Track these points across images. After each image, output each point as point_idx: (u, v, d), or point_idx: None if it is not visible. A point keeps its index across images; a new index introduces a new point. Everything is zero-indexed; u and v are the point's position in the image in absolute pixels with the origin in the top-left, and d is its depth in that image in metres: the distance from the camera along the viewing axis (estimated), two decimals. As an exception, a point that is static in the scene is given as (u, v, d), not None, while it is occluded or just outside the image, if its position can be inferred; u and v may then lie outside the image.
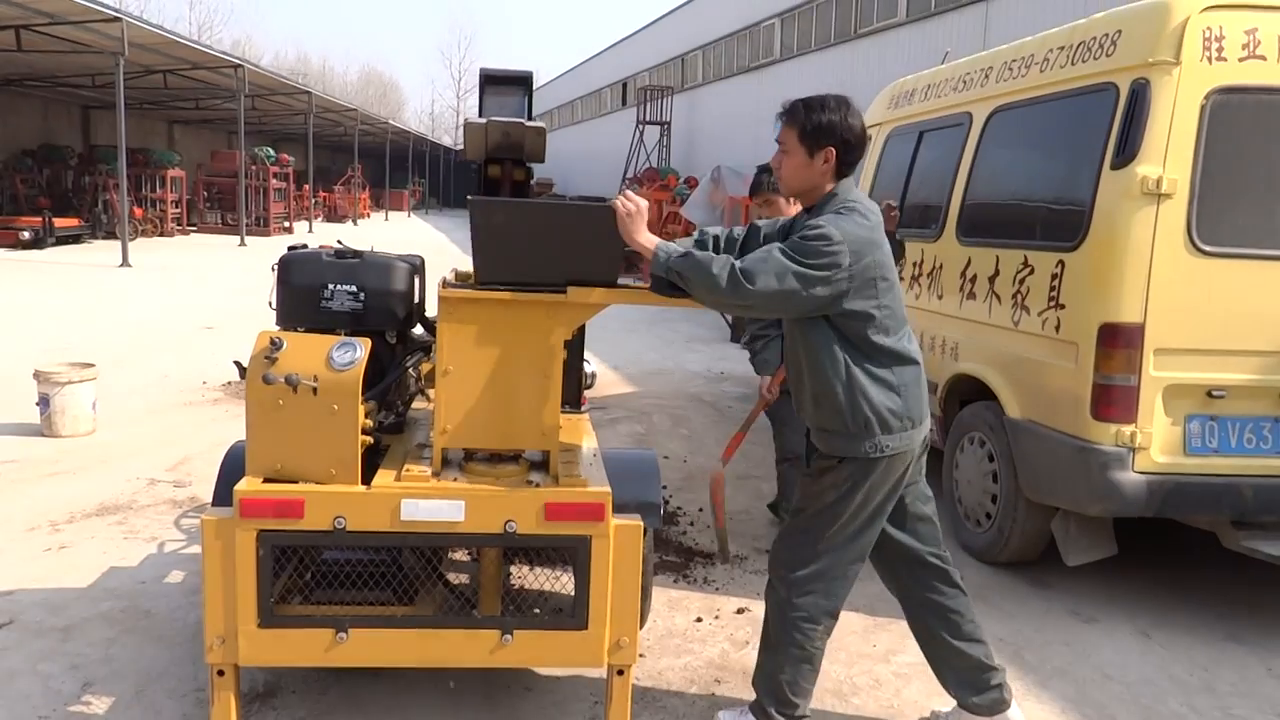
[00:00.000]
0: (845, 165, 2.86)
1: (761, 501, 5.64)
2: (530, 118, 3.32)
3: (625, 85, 41.59)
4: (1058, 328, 4.31)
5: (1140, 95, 4.01)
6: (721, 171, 18.36)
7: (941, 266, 5.41)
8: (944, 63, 6.33)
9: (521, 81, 3.35)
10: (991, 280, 4.86)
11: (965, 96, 5.54)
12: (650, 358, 10.90)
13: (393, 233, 32.68)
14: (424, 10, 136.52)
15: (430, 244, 26.50)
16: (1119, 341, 4.02)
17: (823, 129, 2.81)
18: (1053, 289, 4.36)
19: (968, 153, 5.33)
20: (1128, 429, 4.04)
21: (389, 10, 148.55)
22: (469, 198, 2.84)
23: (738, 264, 2.69)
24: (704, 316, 14.48)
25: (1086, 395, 4.10)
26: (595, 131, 45.33)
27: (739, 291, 2.66)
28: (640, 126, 34.31)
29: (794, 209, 5.19)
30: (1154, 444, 4.07)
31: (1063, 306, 4.30)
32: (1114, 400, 4.04)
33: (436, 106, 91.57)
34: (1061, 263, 4.32)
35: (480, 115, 3.25)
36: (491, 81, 3.33)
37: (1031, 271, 4.53)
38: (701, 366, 10.64)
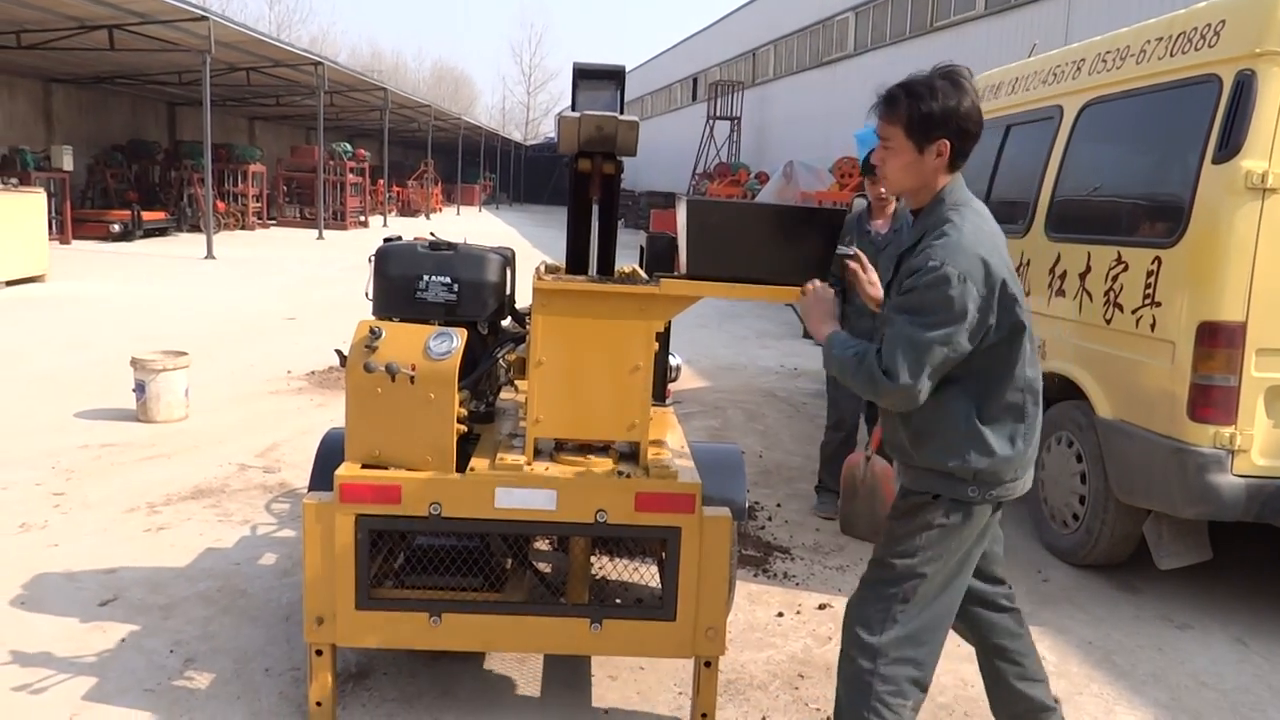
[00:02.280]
0: (960, 156, 2.47)
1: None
2: (622, 112, 3.34)
3: (696, 80, 41.53)
4: (1153, 326, 4.21)
5: (1246, 87, 3.89)
6: (794, 167, 18.24)
7: (1028, 262, 5.31)
8: (1031, 55, 6.21)
9: (614, 75, 3.37)
10: (1082, 277, 4.76)
11: (1055, 89, 5.43)
12: (723, 353, 10.88)
13: (464, 227, 33.11)
14: (496, 6, 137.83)
15: (501, 238, 26.77)
16: (1219, 341, 3.90)
17: (934, 119, 2.40)
18: (1148, 286, 4.25)
19: (1058, 147, 5.22)
20: (1226, 431, 3.93)
21: (461, 6, 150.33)
22: (683, 197, 2.89)
23: (877, 362, 2.36)
24: (776, 313, 14.41)
25: (1183, 395, 3.99)
26: (665, 126, 45.34)
27: (896, 390, 2.33)
28: (710, 121, 34.25)
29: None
30: (1254, 447, 3.95)
31: (1159, 304, 4.19)
32: (1213, 401, 3.93)
33: (507, 102, 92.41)
34: (1158, 259, 4.21)
35: (573, 109, 3.28)
36: (584, 75, 3.36)
37: (1125, 268, 4.43)
38: (774, 362, 10.59)
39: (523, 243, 24.50)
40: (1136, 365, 4.31)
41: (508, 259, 3.46)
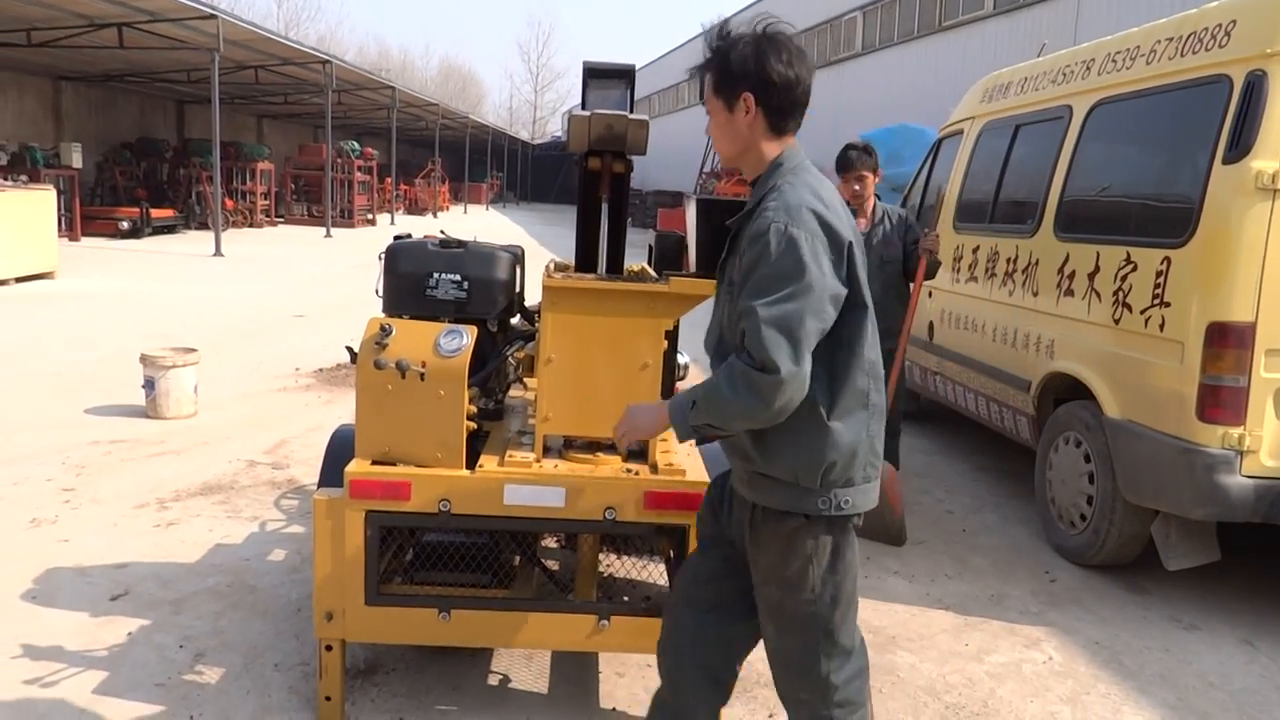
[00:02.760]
0: (775, 115, 2.22)
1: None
2: (631, 110, 3.35)
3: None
4: (1162, 326, 4.20)
5: (1257, 87, 3.88)
6: (802, 166, 18.19)
7: (1037, 262, 5.30)
8: (1040, 55, 6.20)
9: (624, 75, 3.38)
10: (1091, 277, 4.75)
11: (1065, 89, 5.42)
12: (729, 352, 10.87)
13: (472, 225, 33.15)
14: (503, 5, 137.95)
15: (509, 237, 26.79)
16: (1229, 341, 3.90)
17: (734, 73, 2.19)
18: (1157, 286, 4.25)
19: (1067, 147, 5.22)
20: (1235, 431, 3.93)
21: (468, 5, 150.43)
22: (692, 196, 2.89)
23: (748, 364, 2.05)
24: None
25: (1192, 396, 3.99)
26: (672, 125, 45.34)
27: (782, 383, 2.01)
28: (718, 121, 34.17)
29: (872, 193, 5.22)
30: (1263, 447, 3.95)
31: (1168, 304, 4.18)
32: (1222, 402, 3.92)
33: (515, 101, 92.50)
34: (1167, 259, 4.20)
35: (583, 108, 3.29)
36: (594, 74, 3.37)
37: (1134, 268, 4.42)
38: (781, 362, 10.59)
39: (530, 241, 24.54)
40: (1145, 365, 4.31)
41: (517, 257, 3.47)
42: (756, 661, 3.60)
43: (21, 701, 3.11)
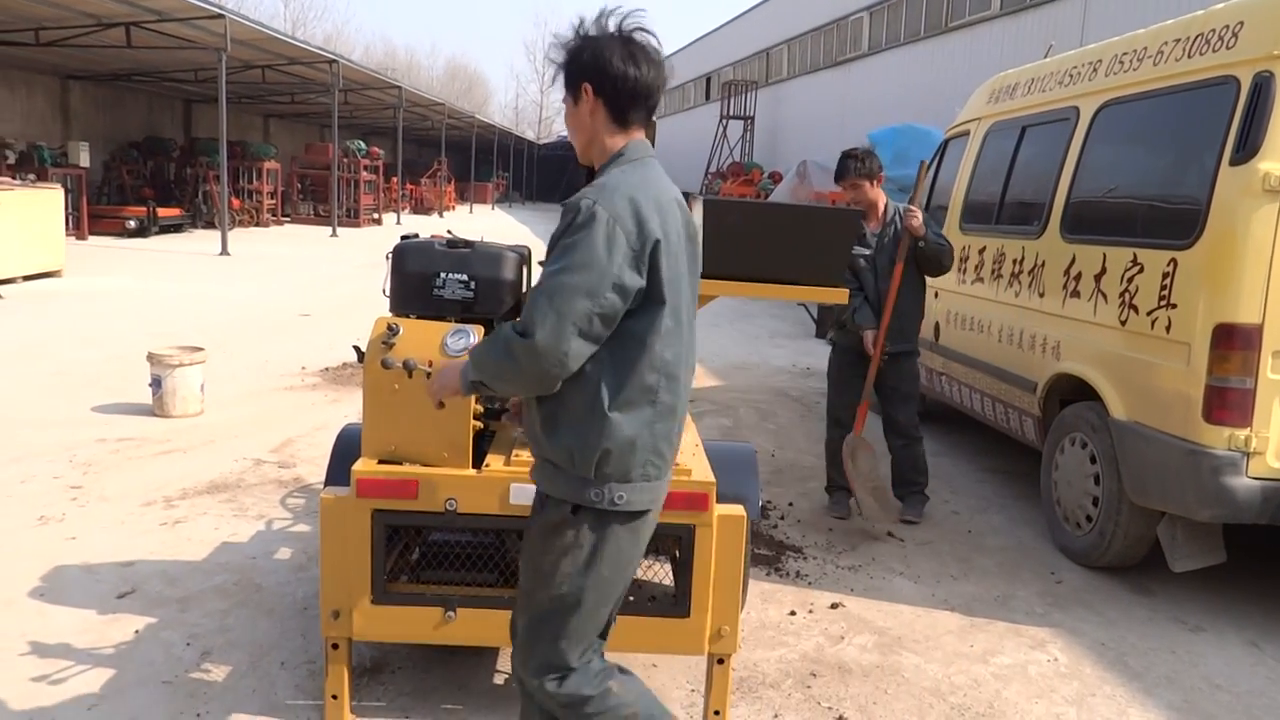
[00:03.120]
0: (617, 110, 2.24)
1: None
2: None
3: (709, 80, 41.49)
4: (1168, 327, 4.20)
5: (1264, 88, 3.88)
6: (808, 166, 18.21)
7: (1043, 264, 5.30)
8: (1047, 56, 6.20)
9: (631, 75, 3.37)
10: (1097, 278, 4.75)
11: (1071, 90, 5.42)
12: (735, 352, 10.89)
13: (478, 225, 33.18)
14: (509, 5, 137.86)
15: (515, 236, 26.81)
16: (1235, 343, 3.89)
17: (573, 63, 2.24)
18: (1164, 288, 4.24)
19: (1074, 148, 5.21)
20: (1242, 433, 3.92)
21: (475, 5, 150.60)
22: (699, 197, 2.90)
23: (513, 327, 2.12)
24: (789, 312, 14.41)
25: (1198, 397, 3.98)
26: (678, 126, 45.32)
27: (533, 349, 2.04)
28: (724, 121, 34.20)
29: (877, 192, 5.20)
30: (1270, 449, 3.94)
31: (1174, 306, 4.18)
32: (1228, 403, 3.92)
33: (520, 100, 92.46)
34: (1174, 261, 4.20)
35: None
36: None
37: (1141, 270, 4.42)
38: (786, 361, 10.59)
39: (536, 241, 24.54)
40: (1151, 367, 4.31)
41: (524, 257, 3.48)
42: (760, 662, 3.62)
43: (29, 699, 3.12)
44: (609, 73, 2.21)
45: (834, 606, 4.16)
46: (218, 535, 4.57)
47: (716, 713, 3.05)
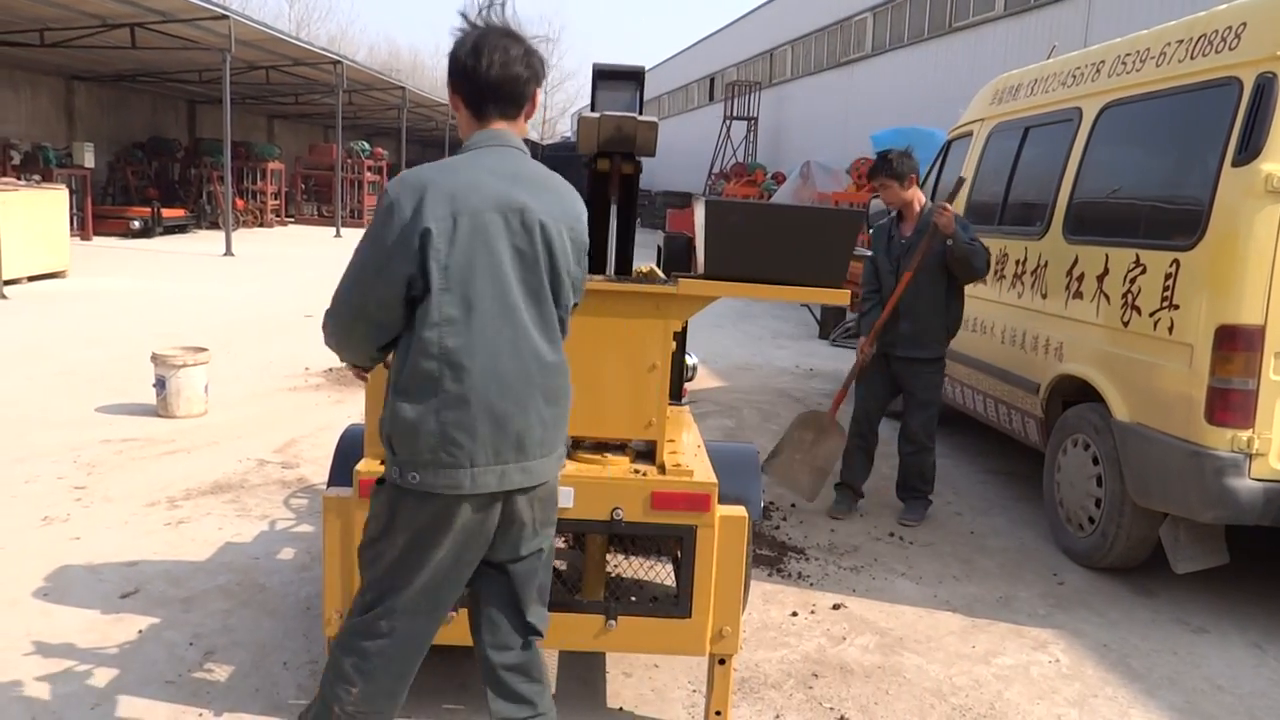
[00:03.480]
0: (470, 103, 2.26)
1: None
2: (641, 112, 3.36)
3: (713, 80, 41.52)
4: (1171, 329, 4.20)
5: (1266, 90, 3.88)
6: (811, 167, 18.23)
7: (1046, 265, 5.30)
8: (1050, 57, 6.20)
9: (633, 76, 3.40)
10: (1100, 279, 4.75)
11: (1075, 91, 5.42)
12: (738, 353, 10.88)
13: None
14: (513, 6, 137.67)
15: (518, 237, 26.77)
16: (1238, 344, 3.89)
17: (450, 68, 2.28)
18: (1166, 289, 4.24)
19: (1076, 149, 5.21)
20: (1245, 434, 3.92)
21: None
22: (702, 198, 2.91)
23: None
24: (791, 314, 14.41)
25: (1201, 399, 3.98)
26: (682, 126, 45.34)
27: (325, 324, 2.27)
28: (727, 122, 34.22)
29: (912, 193, 5.18)
30: (1272, 450, 3.94)
31: (1177, 307, 4.18)
32: (1231, 404, 3.92)
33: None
34: (1176, 262, 4.20)
35: (593, 109, 3.30)
36: (604, 76, 3.38)
37: (1144, 271, 4.42)
38: (789, 362, 10.59)
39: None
40: (1154, 368, 4.30)
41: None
42: (762, 663, 3.63)
43: (33, 698, 3.13)
44: (456, 68, 2.24)
45: (836, 607, 4.17)
46: (221, 535, 4.58)
47: (718, 713, 3.05)
